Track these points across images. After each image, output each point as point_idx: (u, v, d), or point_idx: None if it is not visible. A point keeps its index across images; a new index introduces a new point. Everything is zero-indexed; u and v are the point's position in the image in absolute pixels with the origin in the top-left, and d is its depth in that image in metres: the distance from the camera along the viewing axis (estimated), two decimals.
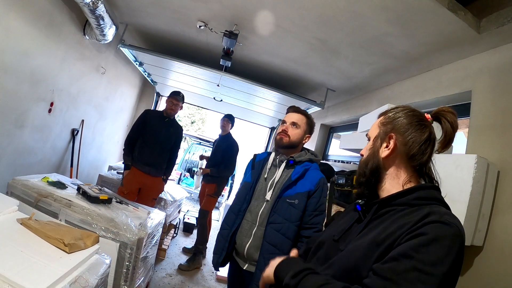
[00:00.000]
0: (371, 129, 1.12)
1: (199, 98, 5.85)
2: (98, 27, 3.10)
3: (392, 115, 1.06)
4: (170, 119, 3.64)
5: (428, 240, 0.78)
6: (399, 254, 0.79)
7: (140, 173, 3.43)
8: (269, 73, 4.31)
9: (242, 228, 1.85)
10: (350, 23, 2.48)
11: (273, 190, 1.83)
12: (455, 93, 2.45)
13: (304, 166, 1.84)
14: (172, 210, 4.02)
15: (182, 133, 3.89)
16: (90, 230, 2.16)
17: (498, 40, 2.07)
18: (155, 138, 3.50)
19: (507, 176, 1.86)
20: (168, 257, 3.80)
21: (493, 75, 2.13)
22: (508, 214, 1.80)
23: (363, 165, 1.08)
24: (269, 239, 1.72)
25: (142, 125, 3.53)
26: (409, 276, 0.75)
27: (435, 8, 1.99)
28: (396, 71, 3.10)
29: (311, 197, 1.78)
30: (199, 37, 3.65)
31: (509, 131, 1.91)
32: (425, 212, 0.86)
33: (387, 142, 1.03)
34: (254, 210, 1.84)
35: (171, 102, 3.58)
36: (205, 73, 3.97)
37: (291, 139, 1.89)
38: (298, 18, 2.63)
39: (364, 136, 2.80)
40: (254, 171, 1.96)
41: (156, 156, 3.51)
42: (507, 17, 1.85)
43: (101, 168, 4.94)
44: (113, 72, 4.44)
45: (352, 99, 4.49)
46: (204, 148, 9.13)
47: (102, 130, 4.65)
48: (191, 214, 5.76)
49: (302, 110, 2.01)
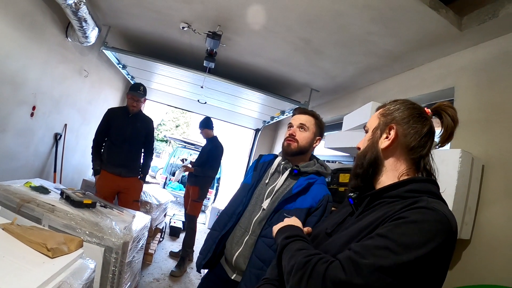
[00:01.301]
0: (369, 121, 1.11)
1: (183, 101, 5.81)
2: (81, 29, 3.04)
3: (393, 107, 1.05)
4: (135, 114, 3.43)
5: (406, 223, 0.76)
6: (376, 233, 0.79)
7: (112, 176, 3.27)
8: (253, 74, 4.31)
9: (234, 234, 1.70)
10: (333, 23, 2.49)
11: (272, 199, 1.66)
12: (438, 90, 2.49)
13: (309, 179, 1.64)
14: (157, 214, 3.96)
15: (152, 125, 3.68)
16: (74, 235, 2.09)
17: (480, 37, 2.12)
18: (122, 136, 3.32)
19: (492, 170, 1.90)
20: (155, 261, 3.74)
21: (475, 71, 2.17)
22: (494, 207, 1.83)
23: (361, 156, 1.06)
24: (259, 253, 1.56)
25: (106, 125, 3.37)
26: (377, 252, 0.74)
27: (416, 6, 2.02)
28: (380, 70, 3.15)
29: (311, 215, 1.58)
30: (183, 39, 3.63)
31: (493, 126, 1.95)
32: (413, 200, 0.85)
33: (387, 133, 1.02)
34: (249, 216, 1.69)
35: (132, 99, 3.37)
36: (189, 75, 3.94)
37: (300, 144, 1.70)
38: (281, 18, 2.63)
39: (348, 135, 2.86)
40: (255, 173, 1.80)
41: (126, 155, 3.33)
42: (488, 14, 1.90)
43: (85, 172, 4.82)
44: (96, 75, 4.36)
45: (336, 99, 4.53)
46: (189, 151, 9.05)
47: (86, 134, 4.54)
48: (177, 218, 5.69)
49: (309, 111, 1.82)
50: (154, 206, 3.78)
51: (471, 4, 2.10)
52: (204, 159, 4.16)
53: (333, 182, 2.54)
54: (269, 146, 7.30)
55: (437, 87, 2.51)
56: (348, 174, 2.41)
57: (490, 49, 2.09)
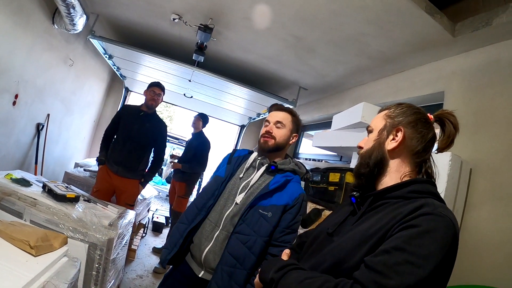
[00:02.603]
0: (374, 121, 1.10)
1: (169, 95, 5.65)
2: (68, 16, 2.91)
3: (399, 110, 1.06)
4: (147, 114, 3.25)
5: (420, 233, 0.78)
6: (391, 247, 0.79)
7: (110, 173, 3.15)
8: (241, 69, 4.27)
9: (203, 228, 1.63)
10: (328, 22, 2.49)
11: (246, 194, 1.62)
12: (428, 93, 2.53)
13: (286, 176, 1.63)
14: (141, 209, 3.87)
15: (165, 129, 3.46)
16: (57, 231, 2.01)
17: (472, 44, 2.17)
18: (127, 134, 3.16)
19: (479, 174, 1.95)
20: (138, 257, 3.65)
21: (466, 77, 2.22)
22: (480, 209, 1.89)
23: (366, 156, 1.06)
24: (232, 250, 1.51)
25: (117, 121, 3.24)
26: (400, 269, 0.74)
27: (413, 10, 2.04)
28: (370, 70, 3.17)
29: (286, 212, 1.57)
30: (173, 31, 3.55)
31: (481, 131, 2.00)
32: (419, 203, 0.86)
33: (394, 134, 1.02)
34: (220, 211, 1.63)
35: (153, 92, 3.21)
36: (177, 67, 3.86)
37: (277, 141, 1.68)
38: (276, 14, 2.60)
39: (338, 134, 2.87)
40: (229, 166, 1.75)
41: (126, 154, 3.15)
42: (481, 22, 1.94)
43: (67, 165, 4.66)
44: (81, 65, 4.20)
45: (324, 98, 4.55)
46: (172, 146, 8.92)
47: (68, 126, 4.38)
48: (160, 213, 5.60)
49: (286, 108, 1.80)
50: (138, 201, 3.69)
51: (465, 11, 2.14)
52: (191, 155, 4.10)
53: (323, 181, 2.55)
54: (253, 143, 7.26)
55: (427, 91, 2.55)
56: (337, 173, 2.42)
57: (481, 56, 2.14)
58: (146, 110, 3.25)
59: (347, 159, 3.65)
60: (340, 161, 3.90)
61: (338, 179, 2.40)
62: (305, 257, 1.11)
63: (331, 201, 2.39)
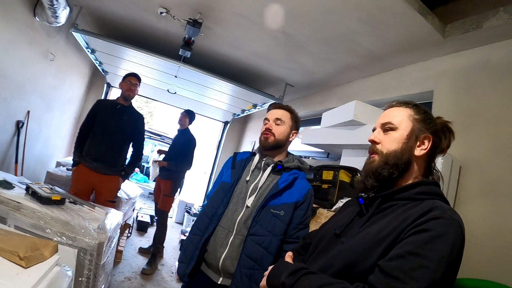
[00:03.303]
0: (395, 118, 1.07)
1: (151, 90, 5.58)
2: (51, 8, 2.77)
3: (424, 115, 1.06)
4: (124, 106, 3.15)
5: (432, 237, 0.80)
6: (405, 251, 0.80)
7: (88, 171, 3.00)
8: (228, 65, 4.22)
9: (217, 236, 1.62)
10: (320, 19, 2.48)
11: (256, 196, 1.63)
12: (417, 92, 2.58)
13: (293, 174, 1.66)
14: (127, 209, 3.79)
15: (143, 121, 3.38)
16: (44, 236, 1.93)
17: (462, 45, 2.22)
18: (104, 128, 3.05)
19: (468, 171, 2.02)
20: (125, 258, 3.57)
21: (455, 77, 2.28)
22: (470, 205, 1.95)
23: (394, 157, 1.03)
24: (249, 252, 1.52)
25: (92, 116, 3.12)
26: (415, 274, 0.76)
27: (406, 10, 2.06)
28: (359, 68, 3.20)
29: (297, 209, 1.61)
30: (159, 25, 3.45)
31: (470, 130, 2.06)
32: (428, 206, 0.88)
33: (422, 141, 1.03)
34: (231, 216, 1.63)
35: (130, 82, 3.13)
36: (162, 63, 3.78)
37: (277, 138, 1.70)
38: (267, 10, 2.56)
39: (327, 132, 2.89)
40: (234, 171, 1.74)
41: (105, 149, 3.04)
42: (472, 25, 1.99)
43: (48, 164, 4.49)
44: (63, 59, 4.02)
45: (311, 95, 4.57)
46: (153, 142, 8.78)
47: (49, 123, 4.21)
48: (144, 211, 5.50)
49: (285, 106, 1.83)
50: (124, 201, 3.60)
51: (454, 12, 2.19)
52: (177, 152, 4.03)
53: (316, 179, 2.55)
54: (237, 139, 7.26)
55: (416, 90, 2.60)
56: (331, 171, 2.43)
57: (471, 57, 2.20)
58: (123, 103, 3.17)
59: (334, 156, 3.69)
60: (327, 157, 3.93)
61: (331, 177, 2.41)
62: (312, 258, 1.11)
63: (325, 199, 2.40)
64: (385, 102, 2.92)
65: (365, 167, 1.10)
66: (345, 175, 2.39)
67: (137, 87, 3.20)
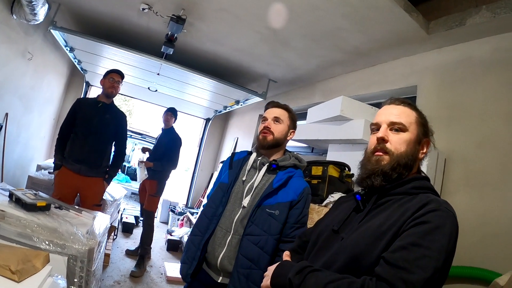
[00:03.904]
0: (405, 119, 1.06)
1: (131, 88, 5.45)
2: (29, 5, 2.65)
3: (424, 118, 1.09)
4: (106, 105, 3.02)
5: (432, 228, 0.84)
6: (408, 243, 0.84)
7: (71, 174, 2.85)
8: (210, 62, 4.18)
9: (215, 236, 1.64)
10: (306, 15, 2.49)
11: (252, 195, 1.63)
12: (401, 87, 2.64)
13: (288, 173, 1.66)
14: (112, 211, 3.70)
15: (125, 120, 3.24)
16: (32, 245, 1.85)
17: (445, 41, 2.30)
18: (86, 128, 2.90)
19: (453, 163, 2.10)
20: (112, 262, 3.48)
21: (438, 72, 2.36)
22: (455, 196, 2.04)
23: (406, 159, 1.03)
24: (245, 252, 1.53)
25: (72, 116, 2.95)
26: (420, 263, 0.80)
27: (392, 7, 2.10)
28: (342, 64, 3.24)
29: (293, 208, 1.61)
30: (140, 22, 3.37)
31: (454, 123, 2.14)
32: (424, 200, 0.92)
33: (423, 146, 1.07)
34: (229, 216, 1.64)
35: (112, 78, 3.00)
36: (144, 60, 3.70)
37: (276, 136, 1.70)
38: (252, 5, 2.56)
39: (313, 127, 2.91)
40: (231, 171, 1.74)
41: (88, 150, 2.89)
42: (455, 22, 2.06)
43: (28, 167, 4.32)
44: (41, 58, 3.86)
45: (294, 90, 4.59)
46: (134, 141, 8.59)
47: (28, 125, 4.03)
48: (128, 212, 5.39)
49: (282, 104, 1.83)
50: (109, 203, 3.51)
51: (437, 9, 2.26)
52: (162, 152, 3.95)
53: (305, 174, 2.58)
54: (219, 136, 7.22)
55: (399, 85, 2.67)
56: (320, 167, 2.46)
57: (454, 53, 2.28)
58: (105, 101, 3.04)
59: (319, 151, 3.74)
60: (311, 152, 3.97)
61: (320, 172, 2.44)
62: (311, 256, 1.11)
63: (315, 194, 2.42)
64: (369, 97, 3.02)
65: (369, 164, 1.07)
66: (334, 170, 2.43)
67: (120, 84, 3.08)
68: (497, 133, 1.93)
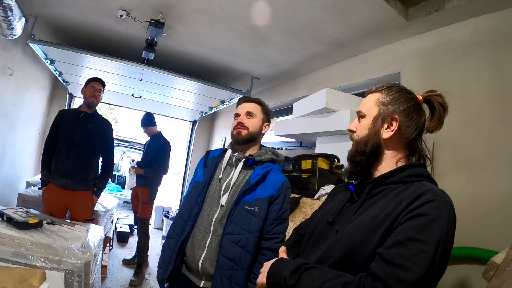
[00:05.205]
0: (365, 106, 1.10)
1: (115, 96, 5.37)
2: (6, 20, 2.58)
3: (392, 96, 1.06)
4: (88, 114, 2.93)
5: (429, 221, 0.82)
6: (405, 238, 0.82)
7: (58, 190, 2.78)
8: (192, 64, 4.15)
9: (194, 238, 1.58)
10: (284, 10, 2.48)
11: (229, 193, 1.59)
12: (384, 75, 2.67)
13: (265, 167, 1.62)
14: (106, 222, 3.66)
15: (111, 128, 3.16)
16: (27, 264, 1.83)
17: (425, 27, 2.32)
18: (69, 140, 2.83)
19: (441, 147, 2.12)
20: (110, 273, 3.45)
21: (420, 58, 2.38)
22: (446, 178, 2.05)
23: (362, 144, 1.06)
24: (226, 253, 1.48)
25: (56, 128, 2.89)
26: (417, 259, 0.78)
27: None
28: (324, 56, 3.25)
29: (272, 203, 1.57)
30: (119, 29, 3.31)
31: None
32: (419, 189, 0.90)
33: (389, 123, 1.03)
34: (207, 216, 1.58)
35: (93, 87, 2.93)
36: (125, 67, 3.65)
37: (251, 130, 1.67)
38: (229, 4, 2.54)
39: (299, 121, 2.92)
40: (206, 170, 1.69)
41: (73, 163, 2.80)
42: (434, 7, 2.08)
43: (17, 185, 4.20)
44: (21, 73, 3.76)
45: (277, 86, 4.59)
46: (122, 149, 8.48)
47: (13, 142, 3.94)
48: (122, 221, 5.34)
49: (254, 99, 1.80)
50: (102, 213, 3.46)
51: None
52: (152, 159, 3.92)
53: (295, 169, 2.59)
54: (207, 137, 7.18)
55: (382, 73, 2.69)
56: (309, 160, 2.47)
57: (434, 37, 2.30)
58: (87, 110, 2.96)
59: (307, 145, 3.75)
60: (300, 146, 3.98)
61: (310, 166, 2.45)
62: (307, 248, 1.11)
63: (306, 188, 2.44)
64: (353, 87, 3.05)
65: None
66: (324, 163, 2.45)
67: (101, 92, 3.01)
68: (481, 112, 1.96)
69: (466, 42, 2.10)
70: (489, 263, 1.34)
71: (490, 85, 1.94)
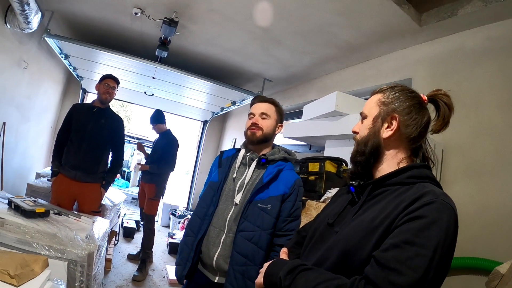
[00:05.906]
0: (367, 107, 1.09)
1: (128, 93, 5.45)
2: (23, 13, 2.63)
3: (393, 95, 1.04)
4: (101, 109, 2.98)
5: (427, 224, 0.79)
6: (401, 241, 0.79)
7: (67, 180, 2.82)
8: (205, 64, 4.19)
9: (209, 235, 1.62)
10: (297, 12, 2.50)
11: (243, 192, 1.62)
12: (396, 80, 2.63)
13: (278, 166, 1.65)
14: (112, 216, 3.69)
15: (122, 124, 3.18)
16: (31, 251, 1.86)
17: (438, 33, 2.30)
18: (81, 133, 2.87)
19: (450, 154, 2.09)
20: (114, 267, 3.47)
21: (432, 64, 2.36)
22: (454, 186, 2.02)
23: (362, 144, 1.05)
24: (239, 249, 1.52)
25: (68, 122, 2.93)
26: (412, 263, 0.75)
27: (382, 1, 2.10)
28: (336, 60, 3.24)
29: (285, 201, 1.59)
30: (133, 26, 3.37)
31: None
32: (419, 191, 0.87)
33: (389, 123, 1.01)
34: (222, 215, 1.62)
35: (107, 84, 2.95)
36: (139, 64, 3.71)
37: (265, 131, 1.68)
38: (243, 5, 2.56)
39: (309, 124, 2.91)
40: (221, 170, 1.73)
41: (84, 156, 2.85)
42: (447, 12, 2.06)
43: (28, 176, 4.30)
44: (36, 67, 3.84)
45: (289, 89, 4.59)
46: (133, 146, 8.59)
47: (25, 134, 4.03)
48: (129, 217, 5.38)
49: (269, 99, 1.80)
50: (109, 208, 3.51)
51: (428, 1, 2.25)
52: (159, 155, 3.94)
53: (303, 171, 2.58)
54: (217, 138, 7.21)
55: (394, 78, 2.66)
56: (317, 163, 2.45)
57: (447, 44, 2.28)
58: (100, 106, 2.99)
59: (317, 148, 3.73)
60: (309, 150, 3.97)
61: (318, 168, 2.43)
62: (307, 250, 1.10)
63: (312, 190, 2.42)
64: (364, 92, 3.02)
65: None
66: (331, 166, 2.42)
67: (115, 90, 3.05)
68: (492, 121, 1.92)
69: (478, 49, 2.07)
70: (494, 272, 1.31)
71: (501, 93, 1.91)
